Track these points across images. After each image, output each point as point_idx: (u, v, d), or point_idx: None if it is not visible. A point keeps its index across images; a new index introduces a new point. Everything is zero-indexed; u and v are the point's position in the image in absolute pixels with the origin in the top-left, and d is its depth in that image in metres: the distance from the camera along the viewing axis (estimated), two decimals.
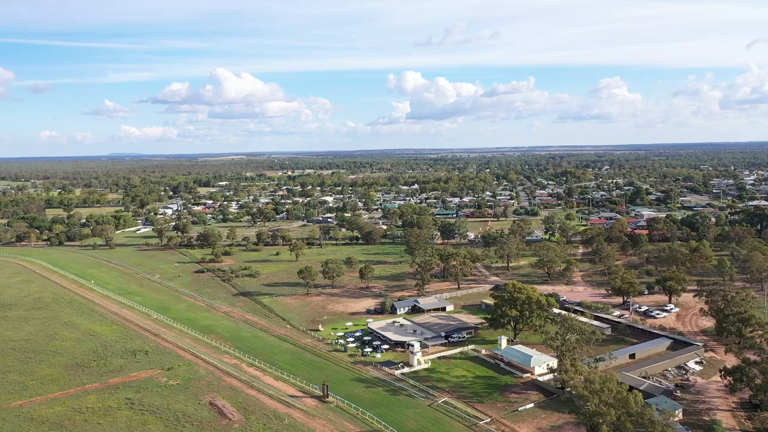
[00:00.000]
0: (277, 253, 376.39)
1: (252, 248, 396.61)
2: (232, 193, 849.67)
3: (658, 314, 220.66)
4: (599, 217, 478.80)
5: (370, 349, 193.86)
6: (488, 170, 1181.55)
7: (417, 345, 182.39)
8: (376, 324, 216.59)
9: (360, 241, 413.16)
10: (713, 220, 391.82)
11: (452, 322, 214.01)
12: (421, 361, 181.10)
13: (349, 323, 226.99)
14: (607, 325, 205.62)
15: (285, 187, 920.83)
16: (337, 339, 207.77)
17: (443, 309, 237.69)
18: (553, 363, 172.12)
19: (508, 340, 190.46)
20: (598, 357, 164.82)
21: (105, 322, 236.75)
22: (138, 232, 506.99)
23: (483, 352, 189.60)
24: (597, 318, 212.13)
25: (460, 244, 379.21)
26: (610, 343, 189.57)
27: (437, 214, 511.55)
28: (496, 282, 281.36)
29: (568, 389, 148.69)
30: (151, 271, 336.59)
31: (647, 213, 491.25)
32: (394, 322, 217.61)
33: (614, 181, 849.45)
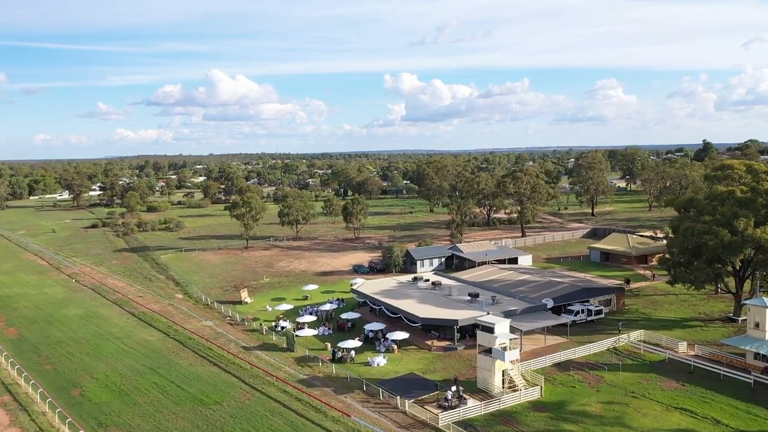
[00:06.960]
0: (225, 209, 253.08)
1: (193, 204, 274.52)
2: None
3: None
4: None
5: (358, 344, 70.30)
6: None
7: (504, 325, 57.58)
8: (372, 285, 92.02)
9: (350, 195, 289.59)
10: None
11: (558, 279, 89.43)
12: (514, 377, 57.09)
13: (312, 286, 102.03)
14: None
15: (268, 167, 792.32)
16: (277, 319, 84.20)
17: (512, 262, 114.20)
18: None
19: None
20: None
21: None
22: (59, 197, 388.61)
23: (681, 349, 66.34)
24: None
25: None
26: None
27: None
28: (581, 228, 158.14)
29: None
30: (18, 228, 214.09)
31: None
32: (415, 278, 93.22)
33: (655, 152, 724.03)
